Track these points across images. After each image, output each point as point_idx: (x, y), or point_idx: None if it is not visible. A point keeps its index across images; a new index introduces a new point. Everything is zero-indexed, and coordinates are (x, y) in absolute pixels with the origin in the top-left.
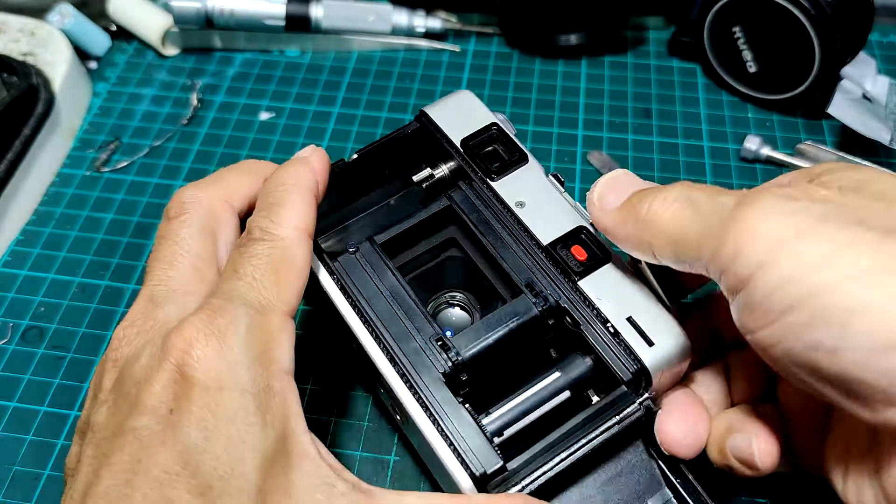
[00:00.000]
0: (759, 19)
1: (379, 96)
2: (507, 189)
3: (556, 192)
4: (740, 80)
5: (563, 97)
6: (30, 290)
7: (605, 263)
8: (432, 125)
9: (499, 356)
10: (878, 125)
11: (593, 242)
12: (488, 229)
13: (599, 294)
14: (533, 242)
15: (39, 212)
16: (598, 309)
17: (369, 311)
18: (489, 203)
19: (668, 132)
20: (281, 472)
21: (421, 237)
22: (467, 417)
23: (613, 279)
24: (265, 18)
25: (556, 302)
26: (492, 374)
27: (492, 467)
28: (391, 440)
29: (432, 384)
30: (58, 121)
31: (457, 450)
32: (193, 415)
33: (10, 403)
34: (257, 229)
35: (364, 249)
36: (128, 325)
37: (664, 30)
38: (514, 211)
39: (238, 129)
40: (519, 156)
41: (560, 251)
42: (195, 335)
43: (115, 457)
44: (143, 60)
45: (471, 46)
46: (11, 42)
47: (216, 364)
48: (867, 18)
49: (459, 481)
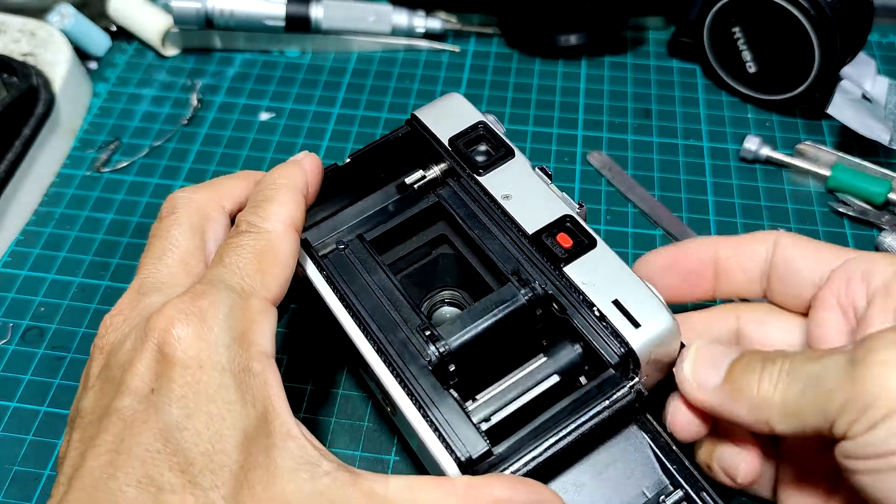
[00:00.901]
0: (759, 20)
1: (379, 97)
2: (493, 183)
3: (542, 184)
4: (740, 80)
5: (563, 97)
6: (30, 291)
7: (591, 249)
8: (422, 127)
9: (486, 345)
10: (877, 125)
11: (578, 230)
12: (476, 222)
13: (585, 279)
14: (519, 232)
15: (39, 212)
16: (583, 294)
17: (357, 304)
18: (477, 197)
19: (667, 132)
20: (263, 451)
21: (411, 234)
22: (453, 404)
23: (599, 264)
24: (265, 19)
25: (542, 289)
26: (480, 362)
27: (477, 452)
28: (391, 440)
29: (419, 373)
30: (58, 121)
31: (442, 436)
32: (174, 393)
33: (10, 403)
34: (244, 223)
35: (353, 246)
36: (115, 313)
37: (664, 30)
38: (500, 203)
39: (238, 130)
40: (505, 151)
41: (546, 239)
42: (176, 315)
43: (99, 438)
44: (143, 61)
45: (471, 47)
46: (12, 42)
47: (195, 343)
48: (867, 19)
49: (445, 467)
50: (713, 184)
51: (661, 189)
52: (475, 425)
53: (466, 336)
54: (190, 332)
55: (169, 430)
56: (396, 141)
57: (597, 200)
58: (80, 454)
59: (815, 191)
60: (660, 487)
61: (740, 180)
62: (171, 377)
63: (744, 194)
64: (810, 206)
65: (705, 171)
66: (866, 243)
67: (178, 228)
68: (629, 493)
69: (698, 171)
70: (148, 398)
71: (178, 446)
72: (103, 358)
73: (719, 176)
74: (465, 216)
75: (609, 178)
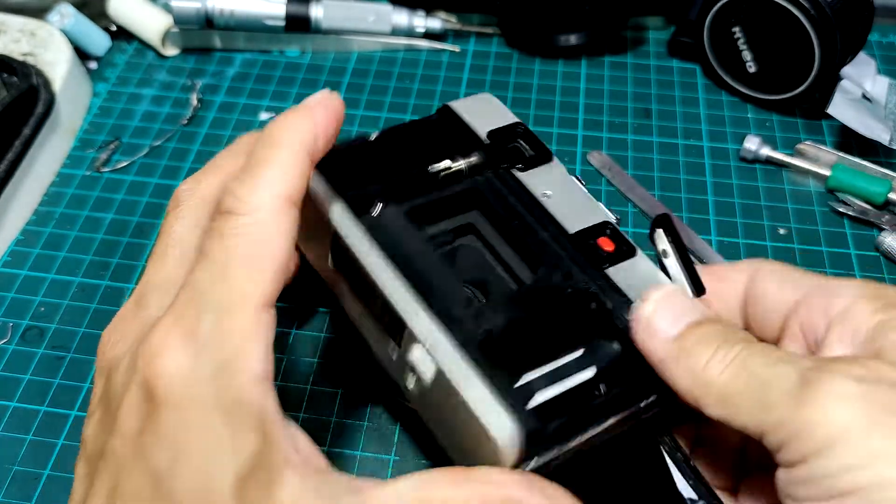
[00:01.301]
0: (759, 19)
1: (379, 96)
2: (533, 181)
3: (581, 189)
4: (740, 80)
5: (563, 97)
6: (30, 290)
7: (632, 256)
8: (456, 118)
9: (529, 330)
10: (877, 125)
11: (619, 237)
12: (513, 214)
13: (626, 283)
14: (559, 231)
15: (39, 212)
16: (626, 296)
17: (400, 268)
18: (514, 191)
19: (667, 132)
20: (262, 486)
21: (441, 217)
22: (504, 380)
23: (640, 271)
24: (265, 18)
25: (585, 285)
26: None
27: (530, 427)
28: (391, 440)
29: (469, 348)
30: (58, 121)
31: (496, 403)
32: (160, 434)
33: (10, 403)
34: (229, 197)
35: (389, 213)
36: (112, 329)
37: (664, 30)
38: (539, 201)
39: (238, 130)
40: (545, 154)
41: (587, 240)
42: (159, 345)
43: (98, 480)
44: (143, 60)
45: (471, 47)
46: (12, 42)
47: (180, 379)
48: (867, 18)
49: (496, 435)
50: (713, 184)
51: (661, 189)
52: (524, 402)
53: (511, 318)
54: (174, 366)
55: (159, 474)
56: (427, 127)
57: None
58: (83, 492)
59: (815, 191)
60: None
61: (740, 180)
62: (157, 419)
63: (744, 194)
64: (810, 206)
65: (705, 170)
66: (866, 243)
67: (180, 223)
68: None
69: (698, 170)
70: (137, 440)
71: (171, 490)
72: (103, 381)
73: (719, 176)
74: (503, 207)
75: (609, 178)
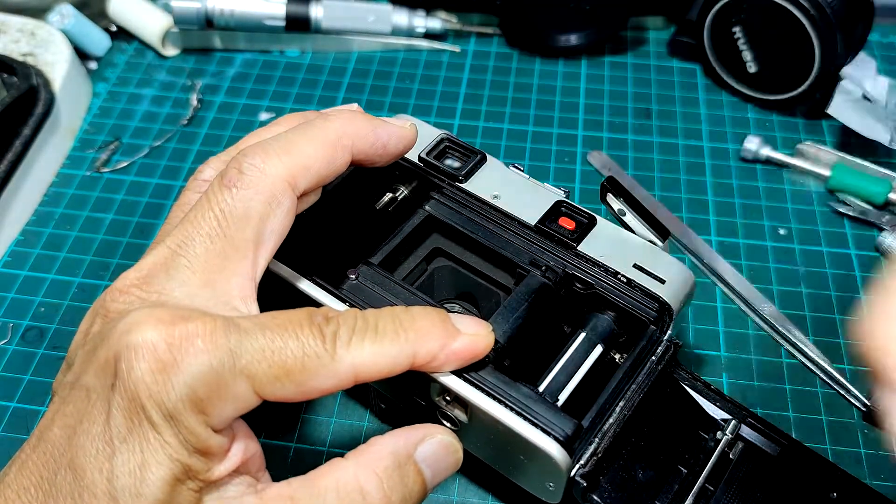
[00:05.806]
0: (759, 19)
1: (379, 96)
2: (478, 186)
3: (523, 179)
4: (740, 80)
5: (563, 97)
6: (30, 291)
7: (594, 226)
8: None
9: (530, 334)
10: (877, 125)
11: (576, 211)
12: (475, 226)
13: (600, 252)
14: (521, 226)
15: (39, 212)
16: (604, 266)
17: None
18: (466, 203)
19: (668, 132)
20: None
21: (408, 252)
22: (528, 392)
23: (606, 237)
24: (265, 19)
25: (562, 270)
26: (527, 353)
27: (570, 428)
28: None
29: (485, 373)
30: (58, 121)
31: (534, 422)
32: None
33: (10, 403)
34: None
35: (364, 272)
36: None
37: (664, 30)
38: (492, 204)
39: (238, 130)
40: (478, 157)
41: (550, 226)
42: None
43: (68, 408)
44: (143, 61)
45: (471, 46)
46: (11, 42)
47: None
48: (867, 19)
49: (548, 450)
50: (713, 184)
51: (661, 189)
52: (553, 405)
53: (513, 327)
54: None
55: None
56: (364, 169)
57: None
58: (52, 413)
59: (816, 191)
60: (712, 425)
61: (740, 180)
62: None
63: (744, 194)
64: (810, 206)
65: (705, 171)
66: (866, 243)
67: (239, 204)
68: (689, 439)
69: (698, 171)
70: (108, 390)
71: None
72: (103, 323)
73: (719, 176)
74: (462, 223)
75: None
